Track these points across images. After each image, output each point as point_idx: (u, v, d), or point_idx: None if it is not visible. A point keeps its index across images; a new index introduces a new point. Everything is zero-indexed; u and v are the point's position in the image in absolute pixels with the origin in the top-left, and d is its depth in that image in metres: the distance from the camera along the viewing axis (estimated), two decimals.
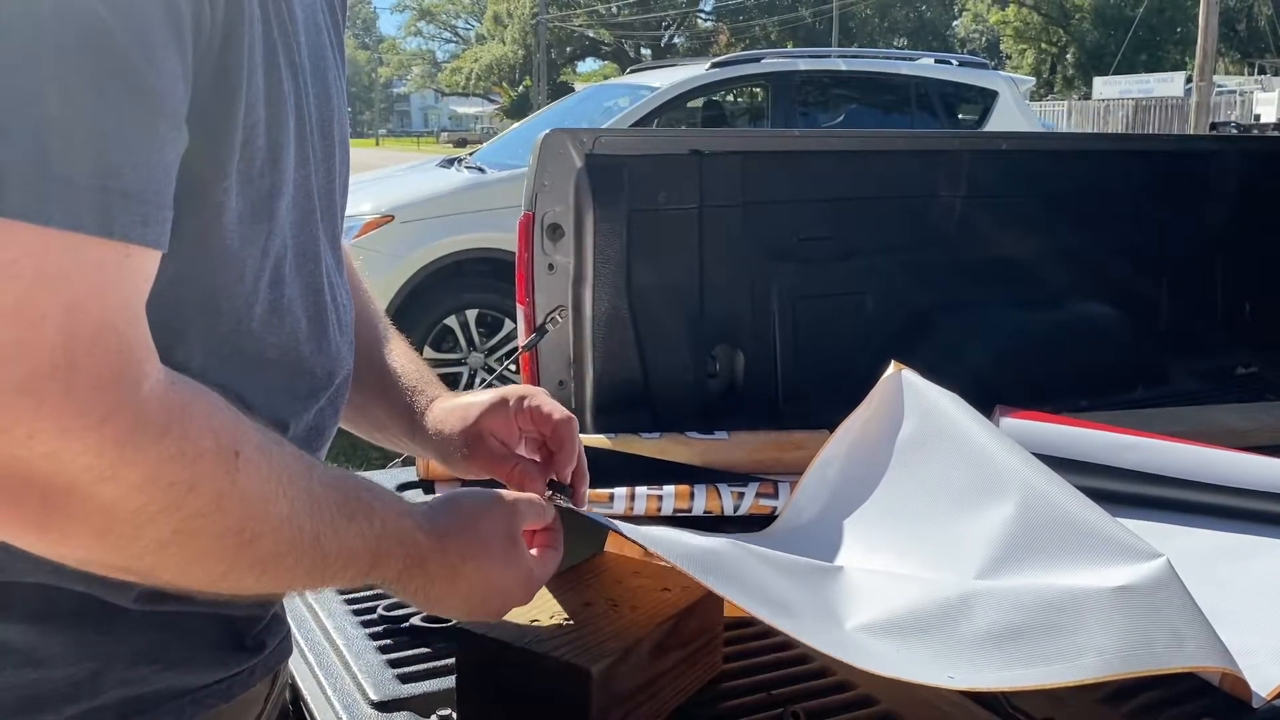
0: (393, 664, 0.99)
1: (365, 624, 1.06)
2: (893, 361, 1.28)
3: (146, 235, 0.53)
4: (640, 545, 0.87)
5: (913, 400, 1.23)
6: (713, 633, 0.96)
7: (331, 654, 1.02)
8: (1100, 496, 1.31)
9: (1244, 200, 2.14)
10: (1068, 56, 40.68)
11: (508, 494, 0.81)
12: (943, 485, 1.14)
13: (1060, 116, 22.45)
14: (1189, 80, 19.06)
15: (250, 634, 0.73)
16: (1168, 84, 22.74)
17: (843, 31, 39.37)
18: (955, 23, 48.09)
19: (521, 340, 1.68)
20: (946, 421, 1.19)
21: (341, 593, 1.11)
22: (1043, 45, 42.02)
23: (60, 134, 0.49)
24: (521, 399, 0.91)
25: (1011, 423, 1.47)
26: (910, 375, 1.25)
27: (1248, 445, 1.57)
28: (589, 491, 0.95)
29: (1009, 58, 45.43)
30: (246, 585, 0.62)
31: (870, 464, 1.23)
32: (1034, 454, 1.36)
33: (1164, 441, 1.38)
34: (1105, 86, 24.34)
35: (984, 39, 47.72)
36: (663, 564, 1.03)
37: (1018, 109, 5.94)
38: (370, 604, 1.08)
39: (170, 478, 0.54)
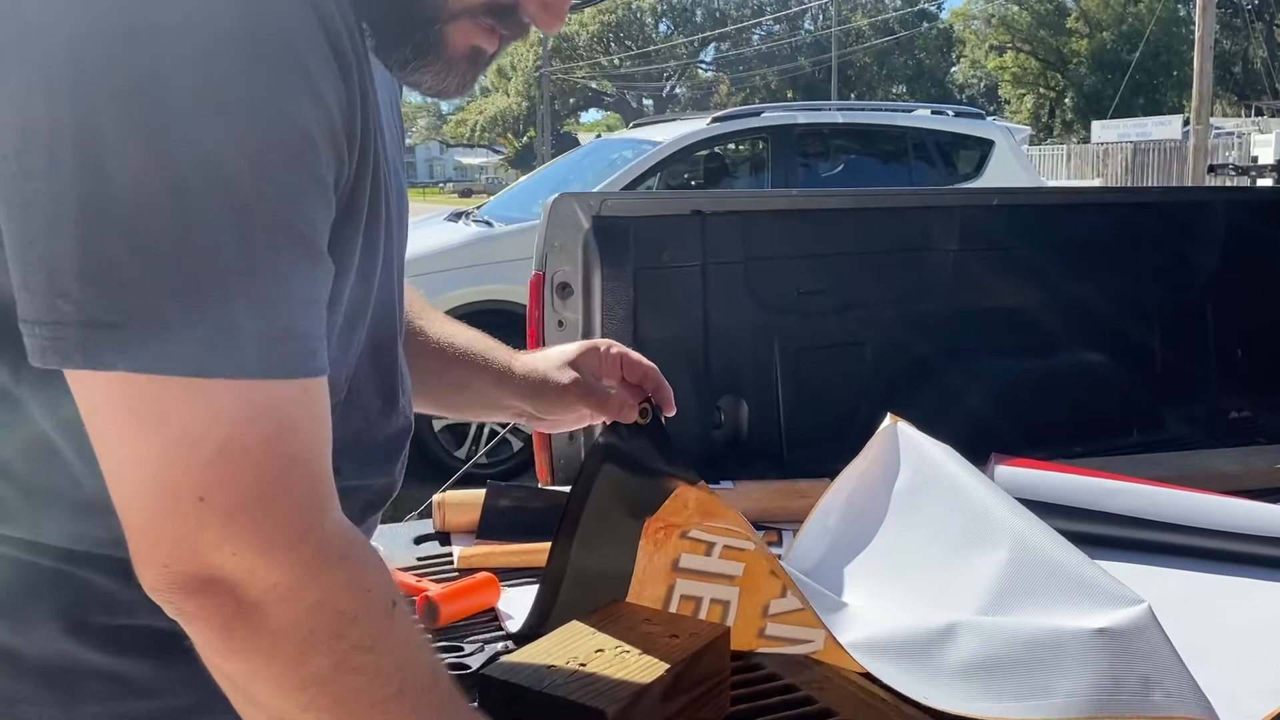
0: None
1: None
2: (889, 414, 1.34)
3: (316, 368, 0.60)
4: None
5: (908, 451, 1.28)
6: (720, 676, 1.00)
7: None
8: (1089, 540, 1.37)
9: (1232, 248, 2.21)
10: (1066, 101, 41.14)
11: None
12: (938, 534, 1.19)
13: (1059, 161, 22.66)
14: (1186, 123, 19.26)
15: None
16: (1165, 127, 22.98)
17: (842, 80, 39.87)
18: (953, 69, 48.70)
19: (533, 429, 1.74)
20: (940, 473, 1.24)
21: None
22: (1041, 90, 42.53)
23: (245, 295, 0.56)
24: (609, 347, 1.07)
25: (1006, 470, 1.52)
26: (905, 427, 1.31)
27: (1237, 489, 1.62)
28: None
29: (1007, 103, 45.93)
30: None
31: (868, 513, 1.28)
32: (1027, 499, 1.42)
33: (1150, 487, 1.43)
34: (1103, 130, 24.59)
35: (982, 84, 48.28)
36: (672, 611, 1.09)
37: (1014, 158, 6.05)
38: None
39: (340, 605, 0.59)
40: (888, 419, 1.33)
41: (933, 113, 6.39)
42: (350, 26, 0.64)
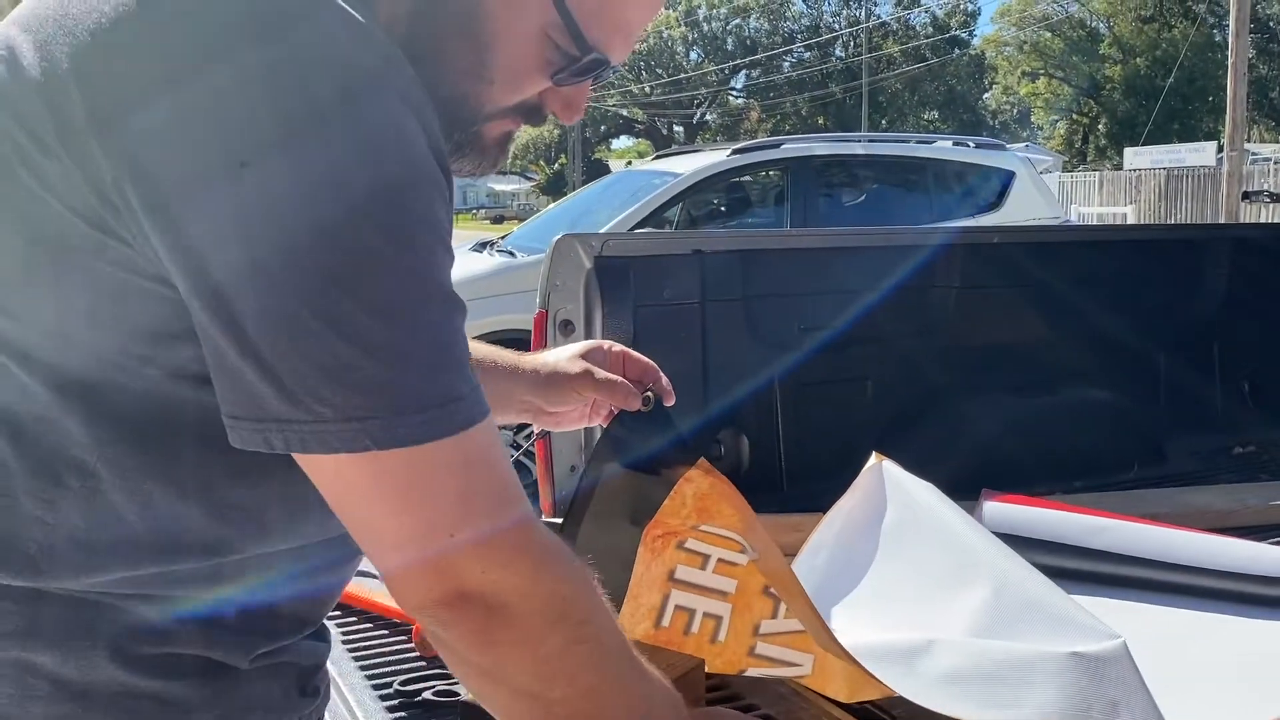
0: None
1: (383, 698, 1.16)
2: (874, 453, 1.38)
3: (486, 408, 0.71)
4: None
5: (894, 490, 1.32)
6: (694, 705, 1.04)
7: None
8: (1071, 575, 1.40)
9: (1237, 284, 2.23)
10: (1099, 127, 40.90)
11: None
12: (923, 571, 1.23)
13: (1091, 188, 22.51)
14: (1221, 149, 19.09)
15: (312, 681, 0.86)
16: (1199, 153, 22.78)
17: (873, 106, 39.92)
18: (986, 95, 48.58)
19: (537, 427, 1.80)
20: (925, 511, 1.28)
21: (362, 669, 1.21)
22: (1074, 116, 42.32)
23: (444, 364, 0.69)
24: (611, 345, 1.22)
25: (995, 506, 1.55)
26: (890, 466, 1.35)
27: (1228, 525, 1.64)
28: None
29: (1040, 129, 45.76)
30: (596, 709, 0.75)
31: (856, 550, 1.32)
32: (1015, 535, 1.45)
33: (1134, 524, 1.46)
34: (1136, 157, 24.41)
35: (1015, 110, 48.12)
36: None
37: (1035, 188, 6.06)
38: (388, 679, 1.18)
39: (563, 592, 0.73)
40: (873, 458, 1.37)
41: (954, 144, 6.42)
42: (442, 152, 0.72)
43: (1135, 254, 2.20)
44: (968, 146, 6.38)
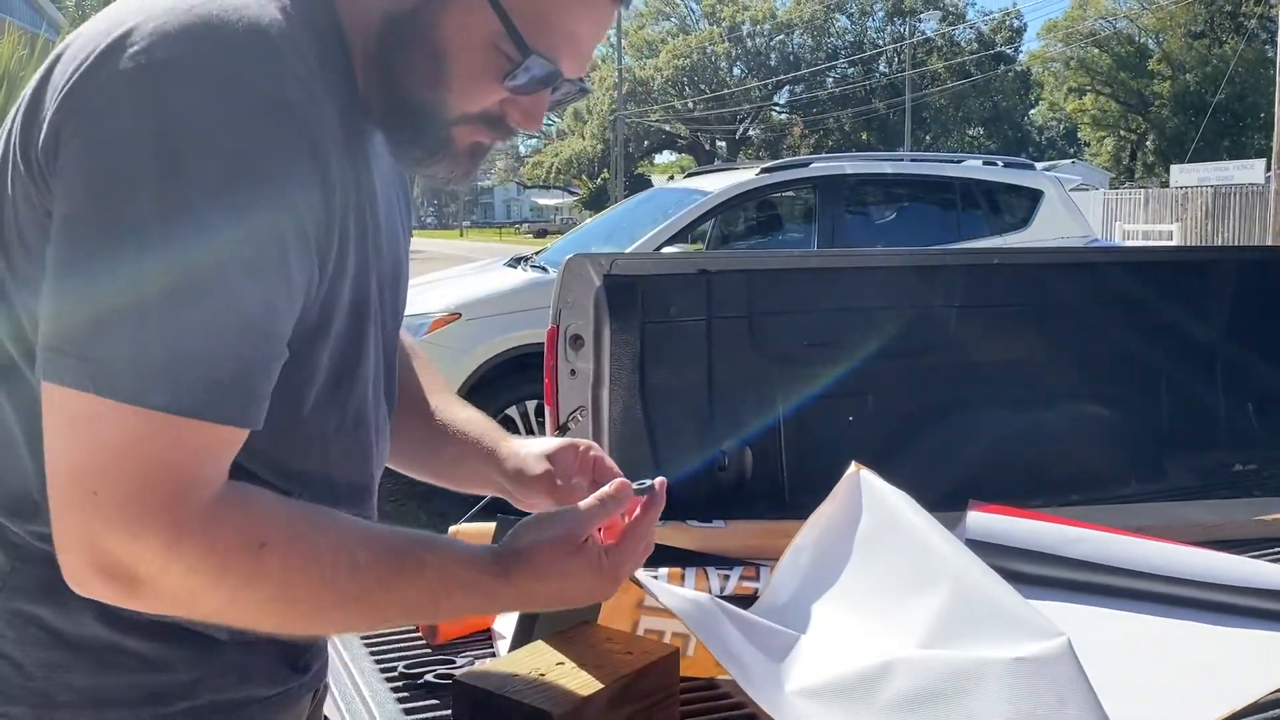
0: (408, 713, 1.19)
1: (388, 679, 1.26)
2: (853, 462, 1.46)
3: (198, 409, 0.76)
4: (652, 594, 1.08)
5: (869, 497, 1.41)
6: (669, 690, 1.13)
7: (359, 704, 1.23)
8: (1045, 582, 1.48)
9: (1241, 305, 2.27)
10: (1147, 143, 40.40)
11: (567, 507, 0.99)
12: (891, 573, 1.32)
13: (1136, 205, 22.26)
14: (1270, 167, 18.79)
15: (302, 658, 0.95)
16: (1248, 171, 22.46)
17: (916, 122, 39.77)
18: (1031, 111, 48.18)
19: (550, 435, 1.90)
20: (896, 517, 1.36)
21: (370, 651, 1.32)
22: (1121, 133, 41.84)
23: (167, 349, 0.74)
24: (587, 449, 1.15)
25: (978, 515, 1.63)
26: (867, 474, 1.43)
27: (1213, 539, 1.70)
28: None
29: (1087, 145, 45.28)
30: (308, 630, 0.86)
31: (834, 553, 1.41)
32: (996, 544, 1.53)
33: (1109, 534, 1.53)
34: (1183, 174, 24.11)
35: (1061, 126, 47.68)
36: (631, 632, 1.23)
37: (1063, 208, 6.08)
38: (393, 663, 1.29)
39: (205, 565, 0.76)
40: (852, 467, 1.46)
41: (983, 163, 6.46)
42: (341, 168, 0.82)
43: (1143, 275, 2.26)
44: (996, 165, 6.42)
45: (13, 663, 0.83)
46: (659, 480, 1.04)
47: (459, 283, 5.74)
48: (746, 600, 1.50)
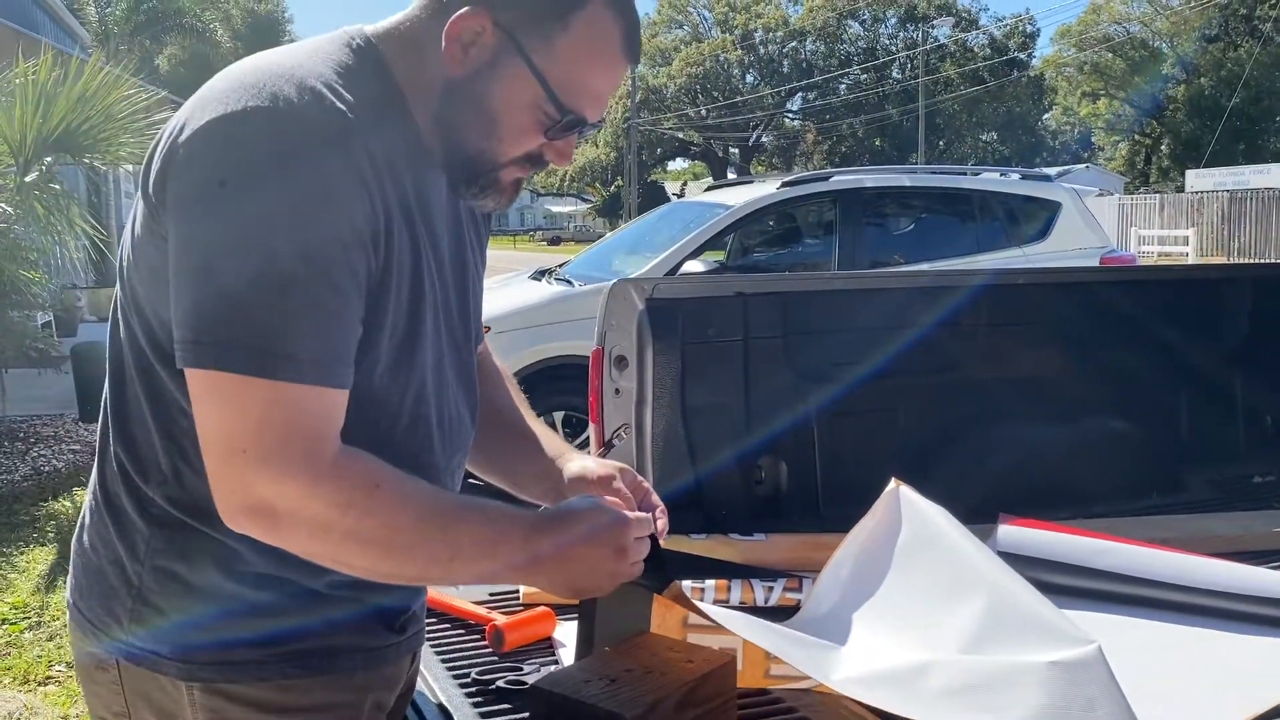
0: (483, 716, 1.28)
1: (462, 686, 1.35)
2: (892, 478, 1.54)
3: (309, 377, 0.95)
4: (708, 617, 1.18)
5: (908, 512, 1.49)
6: (727, 695, 1.22)
7: (434, 709, 1.32)
8: (1074, 592, 1.55)
9: (1260, 320, 2.34)
10: (1162, 148, 40.28)
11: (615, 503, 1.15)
12: (930, 585, 1.40)
13: (1152, 211, 22.24)
14: None
15: (397, 621, 1.12)
16: (1264, 175, 22.43)
17: (930, 128, 39.73)
18: (1045, 116, 48.07)
19: (593, 454, 1.99)
20: (935, 532, 1.44)
21: (444, 662, 1.41)
22: (1136, 137, 41.73)
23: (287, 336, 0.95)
24: (629, 475, 1.32)
25: (1009, 529, 1.70)
26: (906, 490, 1.51)
27: (1233, 551, 1.78)
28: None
29: (1101, 149, 45.18)
30: (408, 571, 1.02)
31: (874, 566, 1.49)
32: (1027, 556, 1.61)
33: (1135, 546, 1.60)
34: (1198, 179, 24.07)
35: (1075, 131, 47.57)
36: (698, 633, 1.31)
37: (1081, 219, 6.14)
38: (466, 671, 1.37)
39: (337, 500, 0.96)
40: (891, 483, 1.54)
41: (1000, 175, 6.53)
42: (388, 187, 1.02)
43: (1163, 293, 2.33)
44: (1014, 177, 6.48)
45: (158, 610, 1.04)
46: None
47: (487, 296, 5.81)
48: (789, 611, 1.59)
